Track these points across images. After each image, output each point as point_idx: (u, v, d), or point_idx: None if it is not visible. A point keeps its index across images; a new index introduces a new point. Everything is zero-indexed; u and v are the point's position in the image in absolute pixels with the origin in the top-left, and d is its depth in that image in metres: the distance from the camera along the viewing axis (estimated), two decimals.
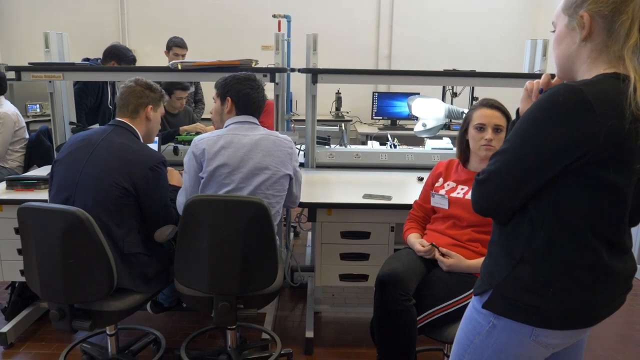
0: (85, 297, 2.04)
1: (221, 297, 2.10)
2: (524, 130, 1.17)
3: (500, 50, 5.93)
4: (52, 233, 1.95)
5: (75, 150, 2.17)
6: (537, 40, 3.24)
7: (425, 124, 3.18)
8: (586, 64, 1.20)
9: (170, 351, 2.61)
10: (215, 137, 2.22)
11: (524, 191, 1.18)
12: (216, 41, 5.97)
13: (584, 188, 1.14)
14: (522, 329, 1.22)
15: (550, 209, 1.17)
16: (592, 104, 1.07)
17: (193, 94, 4.59)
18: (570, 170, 1.12)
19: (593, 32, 1.17)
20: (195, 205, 2.03)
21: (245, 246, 2.04)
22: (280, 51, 3.16)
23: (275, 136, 2.30)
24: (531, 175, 1.16)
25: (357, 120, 5.89)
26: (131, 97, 2.26)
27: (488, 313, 1.27)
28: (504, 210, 1.23)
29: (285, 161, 2.27)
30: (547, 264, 1.19)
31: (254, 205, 2.03)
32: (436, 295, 1.94)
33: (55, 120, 3.22)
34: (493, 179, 1.21)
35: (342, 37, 5.98)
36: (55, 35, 3.20)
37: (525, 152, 1.16)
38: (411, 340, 1.96)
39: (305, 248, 4.07)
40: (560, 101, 1.10)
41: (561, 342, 1.26)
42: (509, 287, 1.22)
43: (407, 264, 2.04)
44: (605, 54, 1.17)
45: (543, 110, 1.13)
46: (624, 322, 3.11)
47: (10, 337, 2.73)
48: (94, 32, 5.84)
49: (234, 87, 2.30)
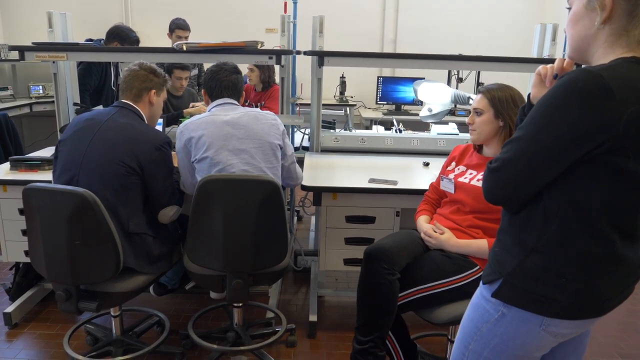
0: (92, 278, 2.04)
1: (234, 274, 2.15)
2: (540, 117, 1.13)
3: (506, 35, 5.88)
4: (58, 214, 1.94)
5: (79, 130, 2.17)
6: (546, 25, 3.20)
7: (431, 109, 3.15)
8: (603, 48, 1.16)
9: (174, 333, 2.62)
10: (198, 121, 2.28)
11: (539, 180, 1.16)
12: (220, 23, 5.91)
13: (602, 176, 1.11)
14: (532, 318, 1.21)
15: (565, 198, 1.15)
16: (613, 90, 1.04)
17: (197, 77, 4.55)
18: (589, 159, 1.09)
19: (613, 15, 1.12)
20: (208, 185, 2.07)
21: (257, 224, 2.09)
22: (286, 33, 3.12)
23: (257, 111, 2.36)
24: (548, 164, 1.13)
25: (361, 105, 5.85)
26: (135, 80, 2.26)
27: (497, 302, 1.26)
28: (517, 199, 1.21)
29: (270, 131, 2.29)
30: (560, 253, 1.17)
31: (266, 184, 2.08)
32: (425, 275, 1.97)
33: (59, 101, 3.20)
34: (507, 167, 1.18)
35: (347, 21, 5.92)
36: (59, 15, 3.16)
37: (543, 140, 1.12)
38: (388, 312, 1.99)
39: (309, 232, 4.07)
40: (580, 87, 1.07)
41: (571, 332, 1.26)
42: (520, 276, 1.21)
43: (399, 242, 2.09)
44: (625, 38, 1.13)
45: (561, 97, 1.09)
46: (627, 309, 3.12)
47: (15, 318, 2.75)
48: (97, 12, 5.79)
49: (204, 80, 2.42)
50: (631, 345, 2.75)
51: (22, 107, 5.30)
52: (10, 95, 5.38)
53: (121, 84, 2.29)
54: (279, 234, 2.18)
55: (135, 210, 2.13)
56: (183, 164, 2.32)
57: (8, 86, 5.42)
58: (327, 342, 2.67)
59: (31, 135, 5.30)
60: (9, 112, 4.76)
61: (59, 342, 2.55)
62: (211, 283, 2.25)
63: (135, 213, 2.13)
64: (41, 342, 2.61)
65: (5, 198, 2.61)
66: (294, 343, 2.63)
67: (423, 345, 2.50)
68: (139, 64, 2.30)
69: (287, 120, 3.10)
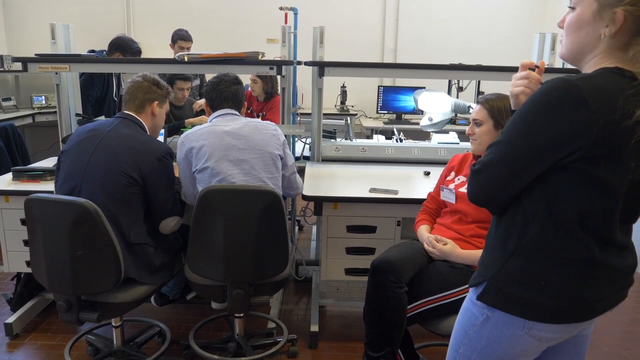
0: (93, 288, 2.05)
1: (235, 285, 2.16)
2: (518, 123, 1.17)
3: (506, 44, 5.88)
4: (60, 225, 1.95)
5: (82, 141, 2.18)
6: (545, 34, 3.22)
7: (432, 118, 3.16)
8: (598, 57, 1.17)
9: (175, 343, 2.62)
10: (199, 132, 2.29)
11: (516, 183, 1.19)
12: (221, 34, 5.94)
13: (575, 183, 1.14)
14: (514, 321, 1.22)
15: (542, 202, 1.17)
16: (587, 100, 1.07)
17: (198, 87, 4.58)
18: (561, 166, 1.12)
19: (620, 31, 1.13)
20: (209, 195, 2.08)
21: (258, 234, 2.10)
22: (287, 44, 3.14)
23: (257, 122, 2.37)
24: (522, 168, 1.16)
25: (362, 114, 5.86)
26: (138, 92, 2.27)
27: (482, 305, 1.27)
28: (497, 201, 1.25)
29: (271, 142, 2.30)
30: (538, 257, 1.19)
31: (267, 194, 2.09)
32: (431, 286, 1.96)
33: (62, 111, 3.22)
34: (487, 169, 1.22)
35: (348, 31, 5.94)
36: (62, 27, 3.19)
37: (518, 145, 1.16)
38: (398, 326, 1.99)
39: (310, 242, 4.06)
40: (555, 96, 1.10)
41: (555, 336, 1.26)
42: (501, 279, 1.23)
43: (405, 253, 2.08)
44: (621, 53, 1.14)
45: (538, 105, 1.13)
46: (630, 318, 3.10)
47: (16, 328, 2.74)
48: (99, 24, 5.82)
49: (205, 91, 2.44)
50: (635, 355, 2.74)
51: (25, 118, 5.32)
52: (13, 105, 5.40)
53: (124, 95, 2.31)
54: (280, 244, 2.18)
55: (136, 220, 2.13)
56: (184, 174, 2.33)
57: (11, 97, 5.44)
58: (328, 353, 2.66)
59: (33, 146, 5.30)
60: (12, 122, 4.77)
61: (60, 352, 2.55)
62: (212, 293, 2.26)
63: (136, 223, 2.13)
64: (42, 353, 2.60)
65: (8, 208, 2.62)
66: (296, 353, 2.62)
67: (426, 356, 2.48)
68: (142, 75, 2.32)
69: (288, 130, 3.11)
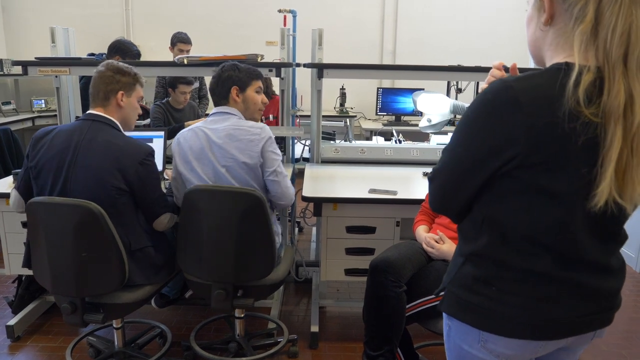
0: (98, 290, 2.04)
1: (218, 284, 2.17)
2: (458, 130, 1.09)
3: (504, 46, 5.90)
4: (63, 227, 1.95)
5: (54, 157, 2.02)
6: None
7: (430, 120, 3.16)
8: (550, 50, 1.06)
9: (176, 344, 2.63)
10: (190, 132, 2.25)
11: (463, 192, 1.11)
12: (221, 36, 5.97)
13: (519, 193, 1.04)
14: (471, 331, 1.15)
15: (489, 211, 1.10)
16: (521, 102, 0.96)
17: (197, 90, 4.59)
18: (503, 173, 1.03)
19: (555, 15, 1.03)
20: (193, 195, 2.11)
21: (239, 236, 2.10)
22: (286, 46, 3.15)
23: (236, 127, 2.21)
24: (465, 176, 1.09)
25: (361, 116, 5.89)
26: (100, 83, 2.09)
27: (444, 315, 1.22)
28: (450, 209, 1.19)
29: (246, 149, 2.17)
30: (487, 264, 1.12)
31: (248, 196, 2.08)
32: (429, 286, 1.96)
33: (62, 115, 3.24)
34: (437, 177, 1.16)
35: (347, 33, 5.97)
36: (62, 30, 3.21)
37: (458, 153, 1.09)
38: (397, 325, 2.00)
39: (310, 243, 4.07)
40: (489, 99, 1.01)
41: (512, 354, 1.15)
42: (456, 285, 1.17)
43: (404, 253, 2.09)
44: (570, 40, 1.00)
45: (474, 109, 1.04)
46: (629, 318, 3.11)
47: (18, 330, 2.75)
48: (99, 27, 5.85)
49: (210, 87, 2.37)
50: (634, 354, 2.74)
51: (25, 121, 5.35)
52: (12, 109, 5.42)
53: (90, 89, 2.12)
54: (264, 247, 2.15)
55: (132, 227, 2.10)
56: (175, 175, 2.31)
57: (11, 100, 5.46)
58: (328, 353, 2.67)
59: None
60: (12, 125, 4.79)
61: (61, 354, 2.56)
62: (202, 291, 2.26)
63: (133, 230, 2.10)
64: (44, 355, 2.61)
65: (8, 211, 2.63)
66: (296, 354, 2.63)
67: (425, 355, 2.49)
68: (105, 64, 2.11)
69: (287, 132, 3.13)
